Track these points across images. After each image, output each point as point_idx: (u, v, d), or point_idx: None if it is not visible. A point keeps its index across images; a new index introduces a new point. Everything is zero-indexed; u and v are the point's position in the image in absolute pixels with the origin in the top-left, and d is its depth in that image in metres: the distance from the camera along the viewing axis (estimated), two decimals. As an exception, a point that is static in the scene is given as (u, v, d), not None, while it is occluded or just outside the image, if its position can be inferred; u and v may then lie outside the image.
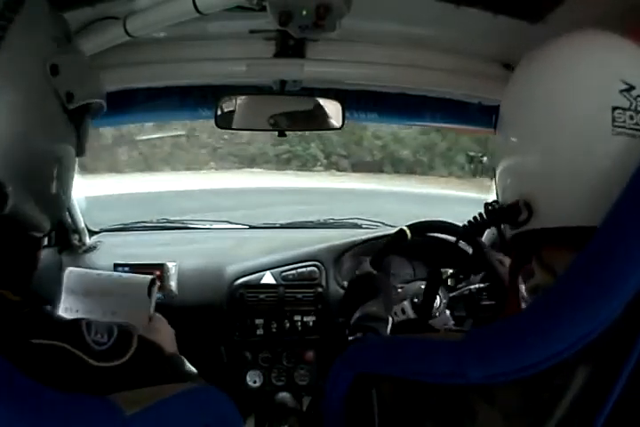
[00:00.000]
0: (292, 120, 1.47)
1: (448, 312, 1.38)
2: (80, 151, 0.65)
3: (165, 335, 0.85)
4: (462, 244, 1.59)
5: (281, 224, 2.11)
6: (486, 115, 1.43)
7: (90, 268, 1.65)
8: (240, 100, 1.45)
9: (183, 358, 0.94)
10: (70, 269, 1.13)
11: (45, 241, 0.82)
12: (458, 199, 5.74)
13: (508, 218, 0.62)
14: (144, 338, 0.62)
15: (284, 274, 1.64)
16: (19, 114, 0.54)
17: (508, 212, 0.62)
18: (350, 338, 1.03)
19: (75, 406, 0.45)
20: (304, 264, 1.66)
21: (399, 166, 9.50)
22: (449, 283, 1.60)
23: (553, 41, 0.63)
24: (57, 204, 0.62)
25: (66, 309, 0.91)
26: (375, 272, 1.23)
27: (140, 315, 0.88)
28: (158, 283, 1.07)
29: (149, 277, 1.11)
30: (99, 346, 0.55)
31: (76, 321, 0.57)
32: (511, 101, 0.65)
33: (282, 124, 1.46)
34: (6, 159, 0.53)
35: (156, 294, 1.05)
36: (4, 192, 0.52)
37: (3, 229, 0.54)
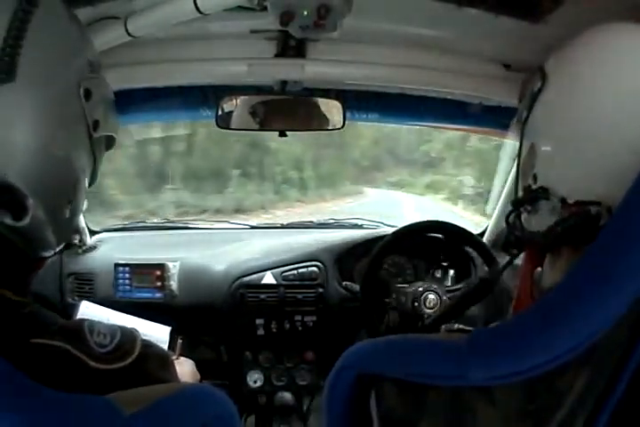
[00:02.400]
0: (292, 120, 1.47)
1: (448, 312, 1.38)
2: (92, 180, 0.65)
3: (184, 372, 0.86)
4: (463, 244, 1.60)
5: (282, 224, 2.11)
6: (487, 115, 1.43)
7: (89, 268, 1.65)
8: (241, 100, 1.45)
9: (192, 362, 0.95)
10: (86, 304, 1.13)
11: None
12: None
13: (590, 224, 0.58)
14: (148, 343, 0.61)
15: (284, 274, 1.64)
16: (49, 131, 0.54)
17: (588, 217, 0.58)
18: None
19: (74, 406, 0.45)
20: (305, 264, 1.66)
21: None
22: (449, 283, 1.61)
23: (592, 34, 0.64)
24: (68, 227, 0.61)
25: None
26: None
27: None
28: (180, 340, 1.07)
29: (167, 329, 1.13)
30: (100, 348, 0.54)
31: (79, 322, 0.56)
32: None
33: (282, 125, 1.46)
34: (30, 175, 0.52)
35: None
36: (25, 204, 0.51)
37: (9, 242, 0.53)
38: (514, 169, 0.74)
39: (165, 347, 1.11)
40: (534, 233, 0.65)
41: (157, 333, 1.15)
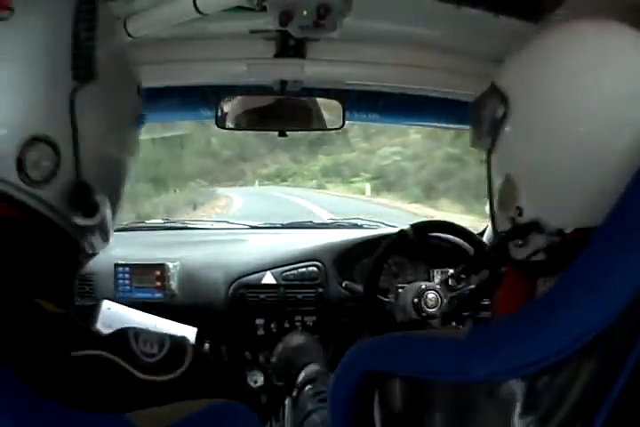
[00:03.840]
0: (292, 120, 1.47)
1: (449, 312, 1.38)
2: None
3: None
4: (464, 244, 1.60)
5: (281, 224, 2.11)
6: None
7: (89, 268, 1.65)
8: (241, 100, 1.45)
9: None
10: (107, 304, 1.11)
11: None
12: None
13: None
14: (200, 352, 0.56)
15: (284, 274, 1.64)
16: (119, 127, 0.55)
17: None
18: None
19: (87, 425, 0.42)
20: (304, 264, 1.66)
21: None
22: (450, 283, 1.61)
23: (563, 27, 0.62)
24: (115, 221, 0.60)
25: None
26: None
27: None
28: (207, 344, 1.05)
29: (194, 330, 1.10)
30: (148, 358, 0.50)
31: (123, 331, 0.52)
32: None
33: (282, 124, 1.46)
34: (97, 168, 0.52)
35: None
36: (95, 200, 0.51)
37: (61, 242, 0.52)
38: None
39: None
40: (527, 262, 0.61)
41: (183, 334, 1.14)
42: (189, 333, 1.14)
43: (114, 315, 1.10)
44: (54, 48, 0.49)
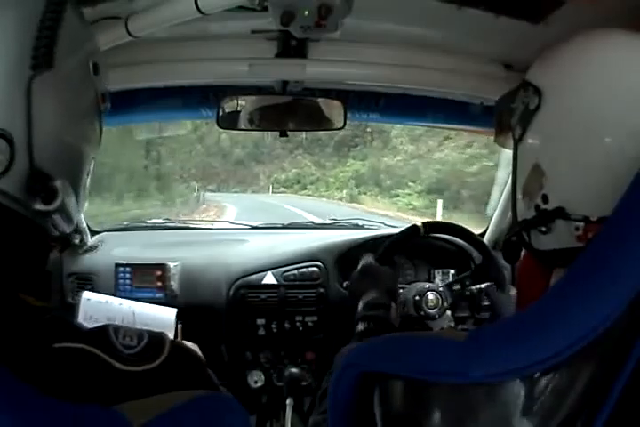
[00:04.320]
0: (293, 120, 1.47)
1: (449, 313, 1.38)
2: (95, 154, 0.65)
3: None
4: (469, 248, 1.59)
5: (282, 224, 2.11)
6: (488, 115, 1.43)
7: (90, 268, 1.65)
8: (242, 100, 1.45)
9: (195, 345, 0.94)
10: (87, 295, 1.12)
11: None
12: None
13: None
14: (179, 344, 0.58)
15: (285, 274, 1.64)
16: (75, 111, 0.55)
17: None
18: (357, 330, 1.03)
19: (78, 418, 0.43)
20: (305, 264, 1.66)
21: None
22: (454, 287, 1.60)
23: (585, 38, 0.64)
24: (82, 205, 0.61)
25: None
26: (375, 263, 1.23)
27: None
28: (180, 325, 1.07)
29: (174, 310, 1.11)
30: (127, 349, 0.52)
31: (103, 326, 0.54)
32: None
33: (284, 125, 1.46)
34: (53, 155, 0.53)
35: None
36: (53, 186, 0.51)
37: (28, 230, 0.53)
38: (509, 185, 0.72)
39: (172, 329, 1.10)
40: (550, 251, 0.63)
41: (163, 314, 1.14)
42: (169, 313, 1.15)
43: (94, 306, 1.10)
44: (17, 41, 0.50)
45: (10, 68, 0.49)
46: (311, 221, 2.16)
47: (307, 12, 0.91)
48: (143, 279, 1.60)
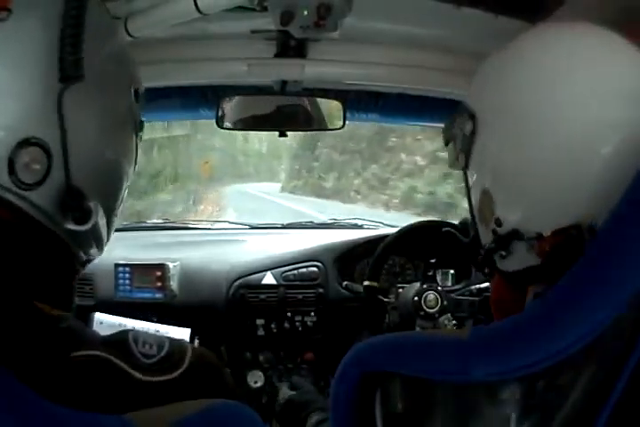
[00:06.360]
0: (293, 120, 1.47)
1: (449, 313, 1.38)
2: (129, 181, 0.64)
3: None
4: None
5: (282, 224, 2.11)
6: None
7: (89, 268, 1.64)
8: (241, 100, 1.45)
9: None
10: (99, 317, 1.09)
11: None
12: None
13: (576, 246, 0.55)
14: (201, 354, 0.56)
15: (284, 274, 1.64)
16: (111, 132, 0.54)
17: (571, 242, 0.56)
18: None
19: (88, 425, 0.42)
20: (305, 265, 1.66)
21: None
22: (449, 284, 1.61)
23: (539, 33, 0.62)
24: (112, 229, 0.59)
25: None
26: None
27: None
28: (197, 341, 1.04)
29: (187, 330, 1.09)
30: (147, 359, 0.50)
31: (123, 333, 0.52)
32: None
33: (283, 125, 1.46)
34: (93, 177, 0.52)
35: None
36: (87, 206, 0.50)
37: (52, 244, 0.51)
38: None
39: None
40: (515, 273, 0.62)
41: (177, 334, 1.13)
42: (183, 333, 1.15)
43: (106, 330, 1.11)
44: (44, 50, 0.48)
45: (40, 78, 0.48)
46: (311, 221, 2.16)
47: (306, 12, 0.91)
48: (143, 279, 1.60)
